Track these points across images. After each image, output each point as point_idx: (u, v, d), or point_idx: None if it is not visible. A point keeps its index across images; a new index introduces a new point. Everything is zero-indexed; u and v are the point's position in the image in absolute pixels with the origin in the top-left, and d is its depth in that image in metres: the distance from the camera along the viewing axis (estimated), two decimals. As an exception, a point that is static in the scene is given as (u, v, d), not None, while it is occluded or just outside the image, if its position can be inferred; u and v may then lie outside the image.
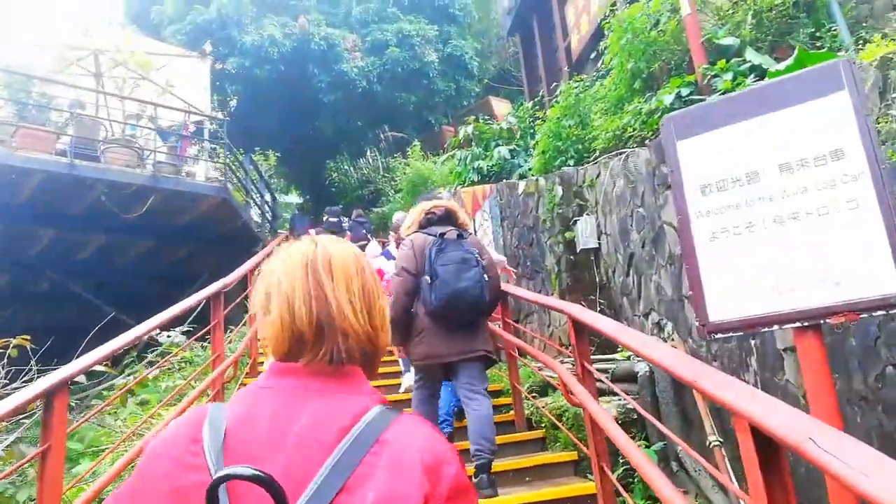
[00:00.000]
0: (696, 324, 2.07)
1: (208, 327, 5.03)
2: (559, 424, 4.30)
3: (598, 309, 5.92)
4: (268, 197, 13.43)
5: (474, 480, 3.43)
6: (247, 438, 0.86)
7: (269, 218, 13.12)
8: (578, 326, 3.35)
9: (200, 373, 5.01)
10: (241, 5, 15.09)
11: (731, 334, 2.20)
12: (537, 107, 11.07)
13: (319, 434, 0.85)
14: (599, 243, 5.88)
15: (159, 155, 9.58)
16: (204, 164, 10.20)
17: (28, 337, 4.44)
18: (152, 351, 6.53)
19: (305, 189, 23.48)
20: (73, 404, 4.18)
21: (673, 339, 4.33)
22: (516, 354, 5.00)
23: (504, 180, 8.92)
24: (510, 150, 10.54)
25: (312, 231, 9.31)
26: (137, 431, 4.22)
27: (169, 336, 5.97)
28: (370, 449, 0.84)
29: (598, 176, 5.90)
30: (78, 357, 3.31)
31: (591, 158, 6.50)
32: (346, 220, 10.31)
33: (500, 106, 17.45)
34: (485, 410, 3.52)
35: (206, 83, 11.02)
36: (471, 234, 3.89)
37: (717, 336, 2.04)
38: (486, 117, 12.54)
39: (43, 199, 9.07)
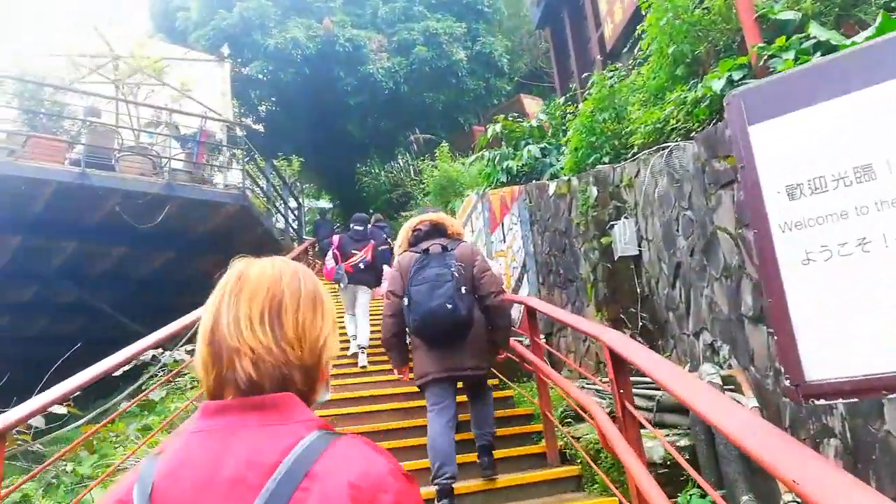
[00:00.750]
0: (786, 382, 1.46)
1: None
2: (596, 468, 3.69)
3: (640, 324, 5.28)
4: (293, 203, 13.08)
5: (478, 461, 3.91)
6: (173, 490, 0.80)
7: (295, 225, 12.74)
8: (618, 360, 2.76)
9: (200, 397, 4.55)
10: (264, 8, 14.80)
11: (838, 400, 1.58)
12: (569, 102, 10.43)
13: (247, 475, 0.79)
14: (640, 250, 5.23)
15: (176, 163, 9.26)
16: (226, 172, 9.85)
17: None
18: (161, 368, 6.15)
19: (335, 194, 23.20)
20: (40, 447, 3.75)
21: (730, 366, 3.68)
22: (545, 373, 4.41)
23: (534, 181, 8.30)
24: (541, 149, 9.91)
25: (336, 237, 8.88)
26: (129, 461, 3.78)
27: (171, 354, 5.56)
28: (300, 485, 0.77)
29: (637, 174, 5.26)
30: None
31: (629, 155, 5.85)
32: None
33: (532, 104, 16.82)
34: (485, 407, 3.94)
35: (227, 88, 10.70)
36: (462, 242, 3.82)
37: (817, 402, 1.43)
38: (517, 116, 11.96)
39: (59, 211, 8.83)
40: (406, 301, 3.50)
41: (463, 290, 3.46)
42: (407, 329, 3.62)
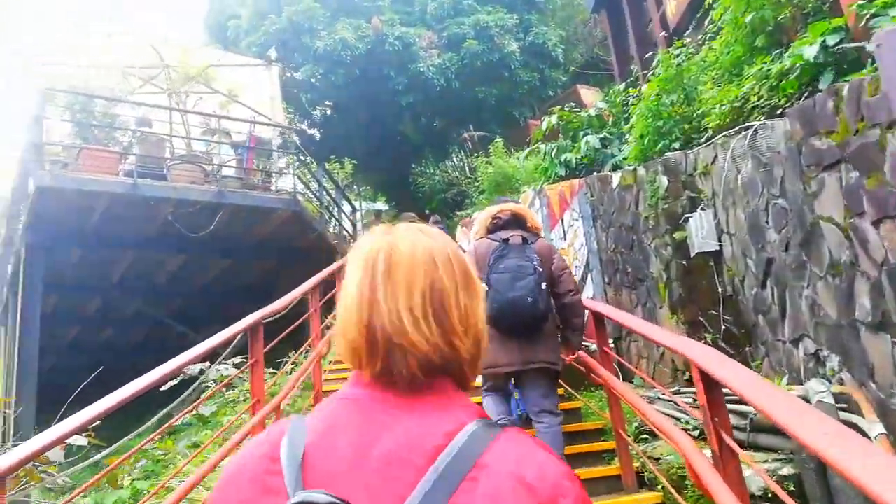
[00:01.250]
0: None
1: (247, 364, 4.30)
2: (681, 500, 3.18)
3: (723, 327, 4.70)
4: (347, 207, 12.91)
5: None
6: (327, 457, 0.77)
7: (349, 228, 12.56)
8: (711, 382, 2.27)
9: (238, 420, 4.29)
10: (313, 11, 14.70)
11: None
12: (630, 88, 9.80)
13: (408, 455, 0.75)
14: (720, 245, 4.66)
15: (228, 170, 9.16)
16: (277, 177, 9.72)
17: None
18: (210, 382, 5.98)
19: (391, 195, 23.06)
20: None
21: (841, 381, 3.11)
22: (618, 391, 3.92)
23: (595, 173, 7.75)
24: (601, 139, 9.33)
25: None
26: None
27: (217, 369, 5.35)
28: (467, 474, 0.73)
29: (713, 160, 4.68)
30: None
31: (703, 140, 5.27)
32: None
33: (590, 95, 16.12)
34: (552, 428, 3.47)
35: (276, 92, 10.57)
36: (540, 238, 3.75)
37: None
38: (575, 107, 11.39)
39: (115, 222, 8.87)
40: (485, 287, 3.31)
41: (543, 285, 3.38)
42: None
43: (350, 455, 0.76)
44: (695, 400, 4.69)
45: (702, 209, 4.80)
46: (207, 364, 5.42)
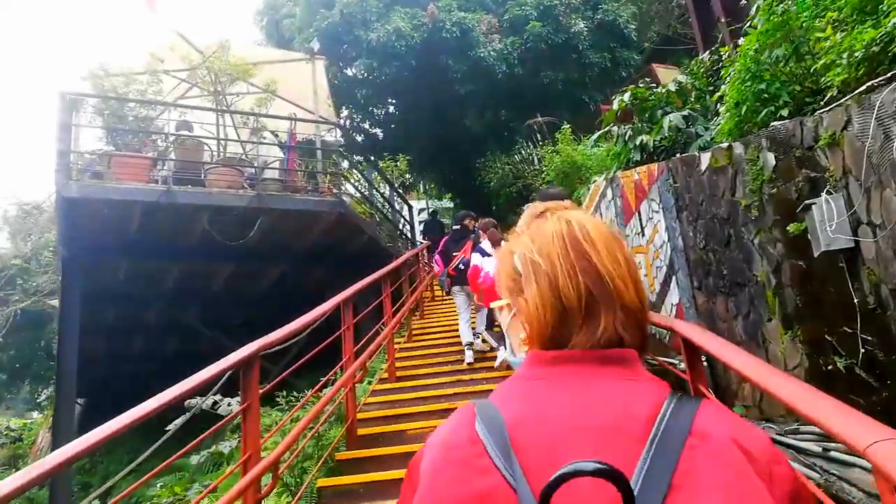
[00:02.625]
0: None
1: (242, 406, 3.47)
2: None
3: (863, 350, 3.49)
4: (404, 207, 12.11)
5: None
6: (537, 434, 0.75)
7: (405, 229, 11.74)
8: None
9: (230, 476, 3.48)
10: (366, 2, 14.02)
11: None
12: (716, 57, 8.45)
13: (625, 425, 0.75)
14: (856, 240, 3.45)
15: (270, 172, 8.52)
16: (323, 178, 9.00)
17: None
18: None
19: (456, 192, 22.18)
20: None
21: None
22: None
23: (678, 156, 6.54)
24: (683, 117, 8.05)
25: (444, 240, 7.85)
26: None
27: (229, 401, 4.61)
28: (686, 441, 0.72)
29: (844, 127, 3.48)
30: None
31: (823, 102, 4.04)
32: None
33: (667, 74, 14.58)
34: None
35: (322, 87, 9.86)
36: None
37: None
38: (651, 84, 10.11)
39: (155, 232, 8.42)
40: None
41: None
42: None
43: (563, 429, 0.75)
44: (825, 449, 3.54)
45: (828, 193, 3.60)
46: (219, 397, 4.72)
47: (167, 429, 3.52)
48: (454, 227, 7.18)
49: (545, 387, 0.80)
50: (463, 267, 6.78)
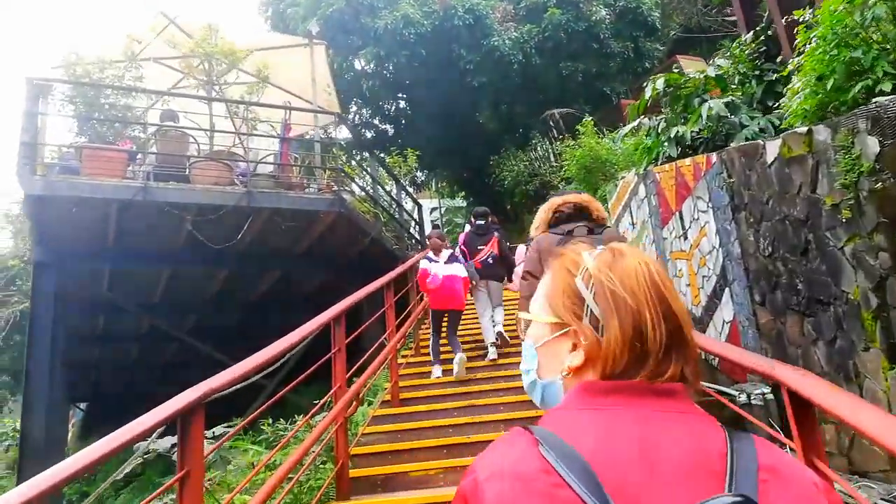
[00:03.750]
0: None
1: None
2: None
3: None
4: (414, 207, 11.24)
5: None
6: (619, 472, 0.73)
7: (413, 230, 10.87)
8: None
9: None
10: (373, -12, 13.15)
11: None
12: (761, 38, 7.49)
13: (700, 461, 0.75)
14: None
15: (262, 168, 7.68)
16: (321, 173, 8.15)
17: None
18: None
19: (469, 191, 21.26)
20: None
21: None
22: None
23: (725, 148, 5.61)
24: (726, 104, 7.11)
25: (461, 235, 7.70)
26: None
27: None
28: (759, 476, 0.74)
29: None
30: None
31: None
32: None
33: (692, 66, 13.65)
34: None
35: (323, 75, 9.01)
36: (608, 227, 3.48)
37: None
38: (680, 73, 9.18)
39: (135, 234, 7.61)
40: None
41: None
42: None
43: (640, 463, 0.74)
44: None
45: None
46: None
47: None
48: (477, 223, 7.19)
49: (608, 419, 0.79)
50: (491, 261, 6.92)
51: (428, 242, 7.07)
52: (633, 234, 7.57)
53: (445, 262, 6.61)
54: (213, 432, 4.28)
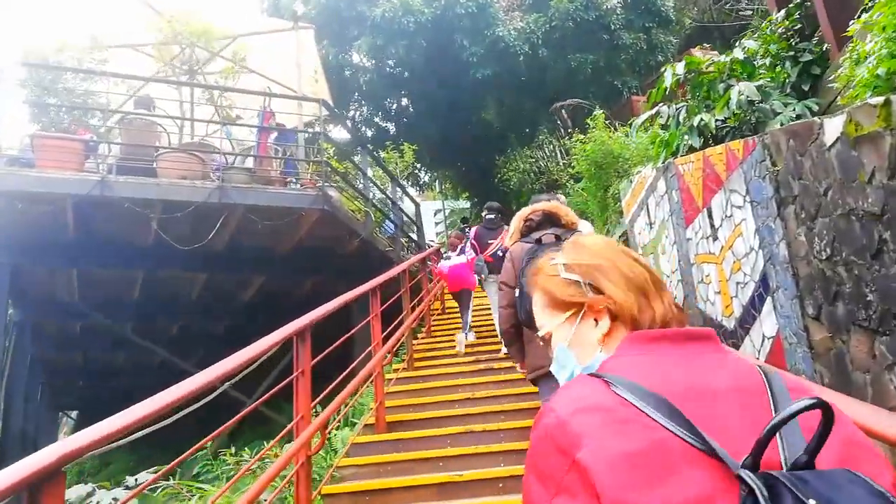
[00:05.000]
0: None
1: None
2: None
3: None
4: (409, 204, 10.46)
5: None
6: (682, 398, 0.80)
7: (409, 230, 10.10)
8: None
9: None
10: (370, -26, 12.41)
11: None
12: (795, 16, 6.69)
13: (744, 385, 0.84)
14: None
15: (238, 159, 6.93)
16: (306, 167, 7.40)
17: None
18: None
19: (474, 191, 20.48)
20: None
21: None
22: None
23: (768, 130, 4.81)
24: (757, 87, 6.31)
25: (473, 229, 7.63)
26: None
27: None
28: (790, 395, 0.83)
29: None
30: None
31: None
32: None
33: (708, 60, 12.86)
34: None
35: (311, 61, 8.26)
36: (578, 231, 3.57)
37: None
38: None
39: (99, 233, 6.90)
40: (517, 291, 3.25)
41: None
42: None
43: (701, 394, 0.81)
44: None
45: None
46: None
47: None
48: (488, 217, 7.17)
49: (658, 361, 0.87)
50: (500, 254, 6.75)
51: (448, 242, 7.78)
52: (651, 234, 6.79)
53: (456, 255, 7.63)
54: (137, 479, 3.49)
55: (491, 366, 6.60)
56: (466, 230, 14.86)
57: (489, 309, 8.94)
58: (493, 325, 7.51)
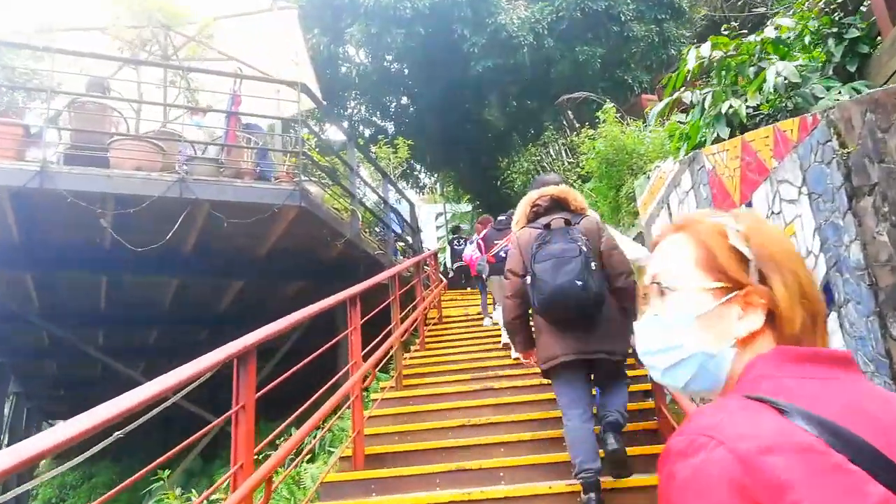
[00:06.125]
0: None
1: None
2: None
3: None
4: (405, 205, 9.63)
5: (602, 435, 3.30)
6: (864, 433, 0.69)
7: (403, 231, 9.28)
8: None
9: None
10: (365, -42, 11.61)
11: None
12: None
13: None
14: None
15: (206, 150, 6.14)
16: (282, 160, 6.60)
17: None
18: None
19: (475, 194, 19.66)
20: None
21: None
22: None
23: (838, 103, 3.97)
24: (797, 68, 5.47)
25: (485, 230, 7.53)
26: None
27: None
28: None
29: None
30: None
31: None
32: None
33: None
34: (619, 397, 3.41)
35: (293, 45, 7.46)
36: (586, 216, 3.51)
37: None
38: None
39: (49, 232, 6.12)
40: (529, 279, 3.25)
41: (593, 265, 3.19)
42: (531, 310, 3.37)
43: (877, 428, 0.70)
44: None
45: None
46: None
47: None
48: (499, 219, 7.13)
49: (826, 387, 0.75)
50: (504, 255, 6.45)
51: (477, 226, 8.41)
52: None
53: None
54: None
55: (490, 385, 5.77)
56: (456, 242, 14.15)
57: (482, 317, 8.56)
58: (491, 335, 7.34)
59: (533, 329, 3.51)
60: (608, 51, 12.90)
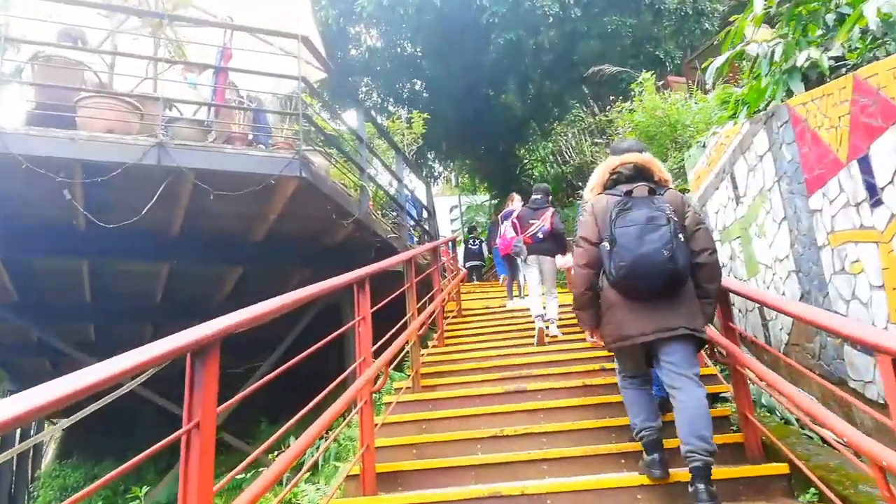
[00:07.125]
0: None
1: None
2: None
3: None
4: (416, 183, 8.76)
5: (690, 490, 2.76)
6: None
7: (419, 214, 8.42)
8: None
9: None
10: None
11: None
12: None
13: None
14: None
15: (189, 111, 5.29)
16: (280, 125, 5.74)
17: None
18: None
19: (493, 183, 18.73)
20: None
21: None
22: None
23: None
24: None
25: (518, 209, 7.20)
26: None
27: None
28: None
29: None
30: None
31: None
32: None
33: (761, 33, 11.04)
34: (695, 401, 2.84)
35: (305, 14, 6.60)
36: (669, 189, 3.22)
37: None
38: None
39: (16, 206, 5.31)
40: (608, 245, 2.95)
41: (680, 237, 2.89)
42: (606, 281, 3.02)
43: None
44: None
45: None
46: None
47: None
48: (533, 198, 6.72)
49: None
50: (542, 236, 6.40)
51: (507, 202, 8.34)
52: (740, 212, 5.08)
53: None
54: None
55: (523, 387, 4.89)
56: (471, 241, 13.32)
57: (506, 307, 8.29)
58: (518, 328, 7.01)
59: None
60: (638, 23, 11.93)
